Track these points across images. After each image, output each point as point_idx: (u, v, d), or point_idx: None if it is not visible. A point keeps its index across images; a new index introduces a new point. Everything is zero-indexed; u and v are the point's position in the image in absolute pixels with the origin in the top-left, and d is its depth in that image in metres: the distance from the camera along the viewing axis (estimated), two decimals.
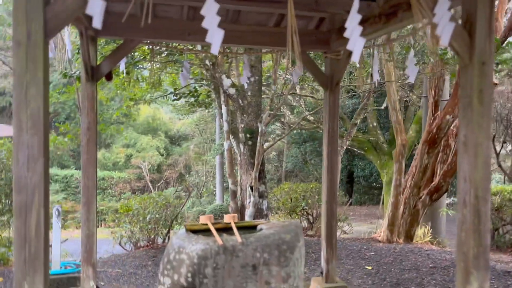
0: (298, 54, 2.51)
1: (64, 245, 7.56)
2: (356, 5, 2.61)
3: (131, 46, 4.49)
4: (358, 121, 9.91)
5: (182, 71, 4.82)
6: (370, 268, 5.85)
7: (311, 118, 13.71)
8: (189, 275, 3.49)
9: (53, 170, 22.54)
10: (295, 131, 18.23)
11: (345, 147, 10.21)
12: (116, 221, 7.32)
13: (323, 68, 5.65)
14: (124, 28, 4.18)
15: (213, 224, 3.99)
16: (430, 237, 8.02)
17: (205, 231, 3.93)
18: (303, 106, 14.33)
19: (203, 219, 4.08)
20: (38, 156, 2.22)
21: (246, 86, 6.24)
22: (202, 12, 2.38)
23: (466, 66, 2.80)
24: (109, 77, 4.48)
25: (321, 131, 11.60)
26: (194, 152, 23.93)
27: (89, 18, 3.97)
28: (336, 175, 4.85)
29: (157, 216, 6.89)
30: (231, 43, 5.19)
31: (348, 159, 21.07)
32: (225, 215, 4.23)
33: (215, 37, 2.38)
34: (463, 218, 2.80)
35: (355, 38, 2.57)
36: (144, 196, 7.49)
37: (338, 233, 9.03)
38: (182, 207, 7.65)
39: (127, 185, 22.22)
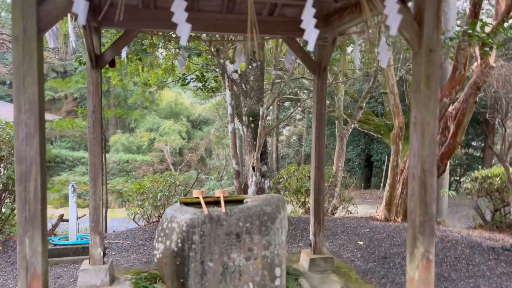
0: (259, 42, 2.84)
1: (84, 221, 8.17)
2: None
3: (132, 35, 4.89)
4: (364, 104, 10.10)
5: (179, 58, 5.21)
6: (362, 243, 6.18)
7: (327, 102, 13.90)
8: (179, 241, 3.93)
9: (80, 153, 23.59)
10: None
11: (350, 130, 10.45)
12: (130, 198, 7.86)
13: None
14: (125, 19, 4.57)
15: (204, 198, 4.41)
16: None
17: (197, 204, 4.36)
18: None
19: (195, 193, 4.50)
20: (34, 133, 2.66)
21: (239, 72, 6.57)
22: (172, 9, 2.75)
23: (416, 54, 3.09)
24: (112, 64, 4.92)
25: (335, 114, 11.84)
26: (215, 136, 24.47)
27: (91, 11, 4.40)
28: (323, 155, 5.18)
29: (166, 193, 7.39)
30: (225, 32, 5.52)
31: (366, 143, 21.09)
32: (216, 190, 4.64)
33: (183, 30, 2.75)
34: (412, 189, 3.12)
35: (310, 30, 2.87)
36: (155, 176, 7.98)
37: (343, 213, 9.36)
38: (192, 185, 8.13)
39: (150, 167, 23.02)
